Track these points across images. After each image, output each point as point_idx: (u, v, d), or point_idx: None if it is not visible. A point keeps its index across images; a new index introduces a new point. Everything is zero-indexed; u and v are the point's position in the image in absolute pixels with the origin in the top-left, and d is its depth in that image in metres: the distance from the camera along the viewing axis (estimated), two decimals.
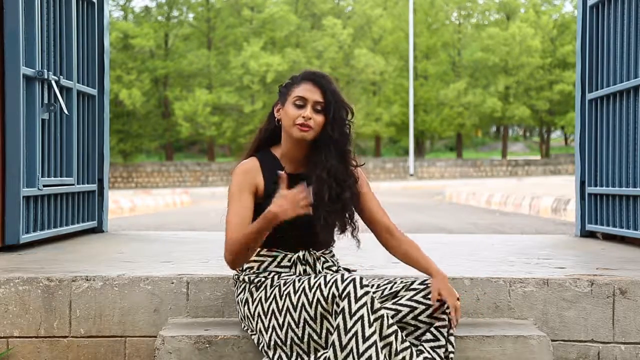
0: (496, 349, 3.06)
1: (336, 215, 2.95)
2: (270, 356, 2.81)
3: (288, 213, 2.73)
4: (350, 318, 2.62)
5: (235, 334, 3.05)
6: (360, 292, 2.64)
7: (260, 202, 2.94)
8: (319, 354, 2.71)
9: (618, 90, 5.05)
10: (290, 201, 2.71)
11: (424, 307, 2.83)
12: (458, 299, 2.88)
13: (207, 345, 3.03)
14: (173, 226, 11.39)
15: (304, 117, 2.90)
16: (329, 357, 2.63)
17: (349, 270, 3.10)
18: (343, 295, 2.64)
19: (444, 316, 2.84)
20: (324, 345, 2.71)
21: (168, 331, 3.11)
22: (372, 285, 2.95)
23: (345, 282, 2.66)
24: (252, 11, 43.98)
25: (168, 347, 3.02)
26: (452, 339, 2.86)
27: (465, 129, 46.40)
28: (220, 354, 3.02)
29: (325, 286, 2.69)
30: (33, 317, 3.34)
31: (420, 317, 2.83)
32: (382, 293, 2.91)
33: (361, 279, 2.67)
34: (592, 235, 5.62)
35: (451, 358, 2.85)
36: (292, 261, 2.96)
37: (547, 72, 45.87)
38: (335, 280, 2.68)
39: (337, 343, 2.62)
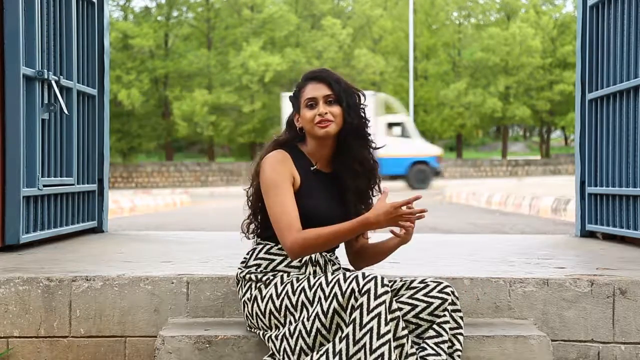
0: (496, 349, 3.07)
1: (365, 206, 3.01)
2: (278, 347, 2.81)
3: (381, 225, 2.81)
4: (368, 314, 2.62)
5: (235, 334, 3.05)
6: (380, 290, 2.64)
7: (295, 194, 2.94)
8: (321, 348, 2.70)
9: (618, 90, 5.05)
10: (387, 215, 2.78)
11: (424, 304, 2.84)
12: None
13: (207, 345, 3.03)
14: (173, 226, 11.39)
15: (319, 114, 2.93)
16: (340, 350, 2.64)
17: (348, 271, 3.11)
18: (363, 291, 2.65)
19: (445, 313, 2.84)
20: (330, 340, 2.71)
21: (168, 331, 3.11)
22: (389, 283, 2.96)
23: (367, 279, 2.67)
24: (251, 11, 43.97)
25: (168, 347, 3.03)
26: (460, 338, 2.87)
27: (465, 130, 46.39)
28: (220, 354, 3.02)
29: (345, 282, 2.70)
30: (33, 317, 3.34)
31: (421, 315, 2.84)
32: None
33: (382, 278, 2.68)
34: (592, 235, 5.62)
35: (458, 356, 2.85)
36: (303, 261, 2.96)
37: (547, 72, 45.85)
38: (356, 277, 2.69)
39: (351, 337, 2.63)
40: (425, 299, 2.85)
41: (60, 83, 4.89)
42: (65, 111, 4.88)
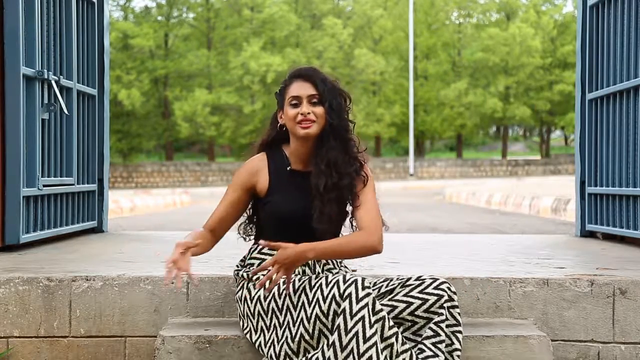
0: (496, 349, 3.06)
1: (332, 205, 2.94)
2: (265, 353, 2.82)
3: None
4: (351, 318, 2.61)
5: (235, 334, 3.05)
6: (361, 294, 2.63)
7: (264, 198, 2.99)
8: (309, 355, 2.70)
9: (618, 90, 5.05)
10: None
11: (420, 302, 2.82)
12: (287, 264, 2.76)
13: (207, 345, 3.03)
14: (173, 226, 11.39)
15: (301, 113, 2.92)
16: (328, 357, 2.63)
17: (336, 272, 3.09)
18: (344, 296, 2.64)
19: (442, 310, 2.83)
20: (314, 345, 2.71)
21: (168, 331, 3.11)
22: (370, 284, 2.95)
23: (347, 283, 2.66)
24: (251, 11, 43.98)
25: (168, 347, 3.03)
26: (459, 336, 2.85)
27: (465, 130, 46.41)
28: (220, 354, 3.02)
29: (327, 286, 2.69)
30: (33, 317, 3.34)
31: (416, 313, 2.82)
32: (378, 291, 2.91)
33: (363, 280, 2.67)
34: (592, 235, 5.62)
35: (458, 356, 2.84)
36: None
37: (547, 72, 45.86)
38: (337, 281, 2.68)
39: (337, 343, 2.62)
40: (421, 296, 2.83)
41: (60, 83, 4.89)
42: (65, 111, 4.88)
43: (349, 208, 3.01)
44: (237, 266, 3.06)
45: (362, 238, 2.89)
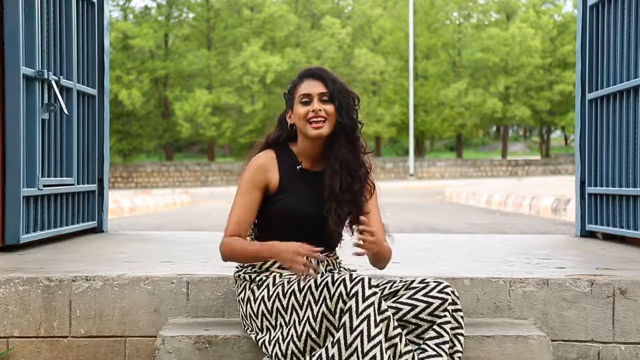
0: (496, 349, 3.07)
1: (346, 207, 2.97)
2: (270, 352, 2.82)
3: (281, 259, 2.85)
4: (357, 317, 2.62)
5: (235, 334, 3.05)
6: (368, 292, 2.64)
7: (273, 196, 2.98)
8: (314, 353, 2.71)
9: (618, 90, 5.05)
10: (291, 254, 2.79)
11: (424, 304, 2.83)
12: (377, 241, 2.85)
13: (207, 345, 3.03)
14: (173, 226, 11.40)
15: (313, 110, 2.92)
16: (332, 355, 2.63)
17: (341, 272, 3.09)
18: (351, 295, 2.64)
19: (446, 313, 2.84)
20: (320, 344, 2.71)
21: (168, 331, 3.12)
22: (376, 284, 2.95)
23: (354, 282, 2.66)
24: (251, 11, 44.00)
25: (168, 347, 3.03)
26: (461, 339, 2.86)
27: (465, 130, 46.41)
28: (220, 354, 3.02)
29: (333, 285, 2.69)
30: (33, 317, 3.34)
31: (421, 315, 2.83)
32: (382, 292, 2.91)
33: (369, 279, 2.67)
34: (592, 235, 5.62)
35: (459, 357, 2.84)
36: None
37: (547, 72, 45.88)
38: (344, 280, 2.68)
39: (342, 341, 2.62)
40: (425, 299, 2.84)
41: (60, 83, 4.89)
42: (65, 111, 4.88)
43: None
44: (237, 267, 3.06)
45: (389, 253, 3.00)
